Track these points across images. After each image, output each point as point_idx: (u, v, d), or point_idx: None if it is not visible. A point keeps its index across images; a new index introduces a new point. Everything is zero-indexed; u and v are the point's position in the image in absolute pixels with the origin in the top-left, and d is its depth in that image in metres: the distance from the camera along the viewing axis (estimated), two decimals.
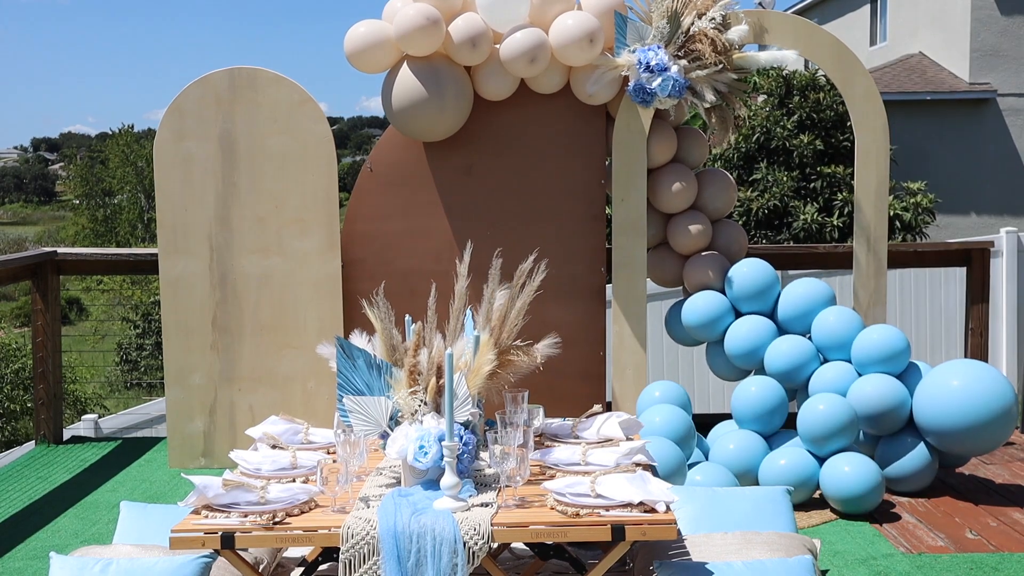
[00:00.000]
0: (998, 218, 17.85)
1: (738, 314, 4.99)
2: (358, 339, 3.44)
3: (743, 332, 4.83)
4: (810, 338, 4.83)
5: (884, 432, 4.60)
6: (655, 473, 3.30)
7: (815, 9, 25.53)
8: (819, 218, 12.91)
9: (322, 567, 3.53)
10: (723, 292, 5.04)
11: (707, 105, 4.85)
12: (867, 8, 23.17)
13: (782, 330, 4.90)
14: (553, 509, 2.96)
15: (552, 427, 3.62)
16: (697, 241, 5.08)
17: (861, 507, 4.37)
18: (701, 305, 4.93)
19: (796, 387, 4.80)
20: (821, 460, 4.53)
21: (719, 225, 5.18)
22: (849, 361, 4.69)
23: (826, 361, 4.78)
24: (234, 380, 5.21)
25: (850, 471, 4.36)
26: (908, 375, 4.63)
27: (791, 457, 4.47)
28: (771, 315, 4.95)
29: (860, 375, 4.61)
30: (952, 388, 4.35)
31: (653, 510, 2.90)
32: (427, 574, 2.82)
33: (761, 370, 4.88)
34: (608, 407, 5.07)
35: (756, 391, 4.67)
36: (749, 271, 4.92)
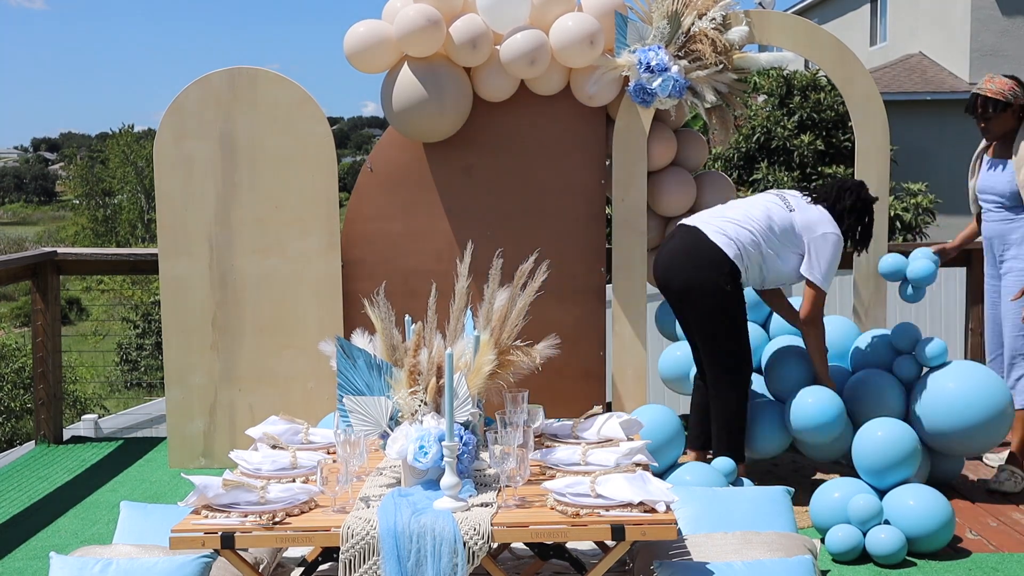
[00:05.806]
0: None
1: None
2: (358, 339, 3.44)
3: None
4: None
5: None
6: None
7: (815, 9, 25.55)
8: None
9: (322, 567, 3.53)
10: None
11: (707, 105, 4.85)
12: (867, 8, 23.18)
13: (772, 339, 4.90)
14: (553, 509, 2.96)
15: (552, 427, 3.62)
16: None
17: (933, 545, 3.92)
18: None
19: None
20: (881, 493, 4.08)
21: None
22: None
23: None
24: (234, 380, 5.21)
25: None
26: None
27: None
28: (764, 324, 4.94)
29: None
30: (948, 391, 4.34)
31: (653, 510, 2.91)
32: (427, 574, 2.82)
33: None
34: (608, 407, 5.07)
35: None
36: None
